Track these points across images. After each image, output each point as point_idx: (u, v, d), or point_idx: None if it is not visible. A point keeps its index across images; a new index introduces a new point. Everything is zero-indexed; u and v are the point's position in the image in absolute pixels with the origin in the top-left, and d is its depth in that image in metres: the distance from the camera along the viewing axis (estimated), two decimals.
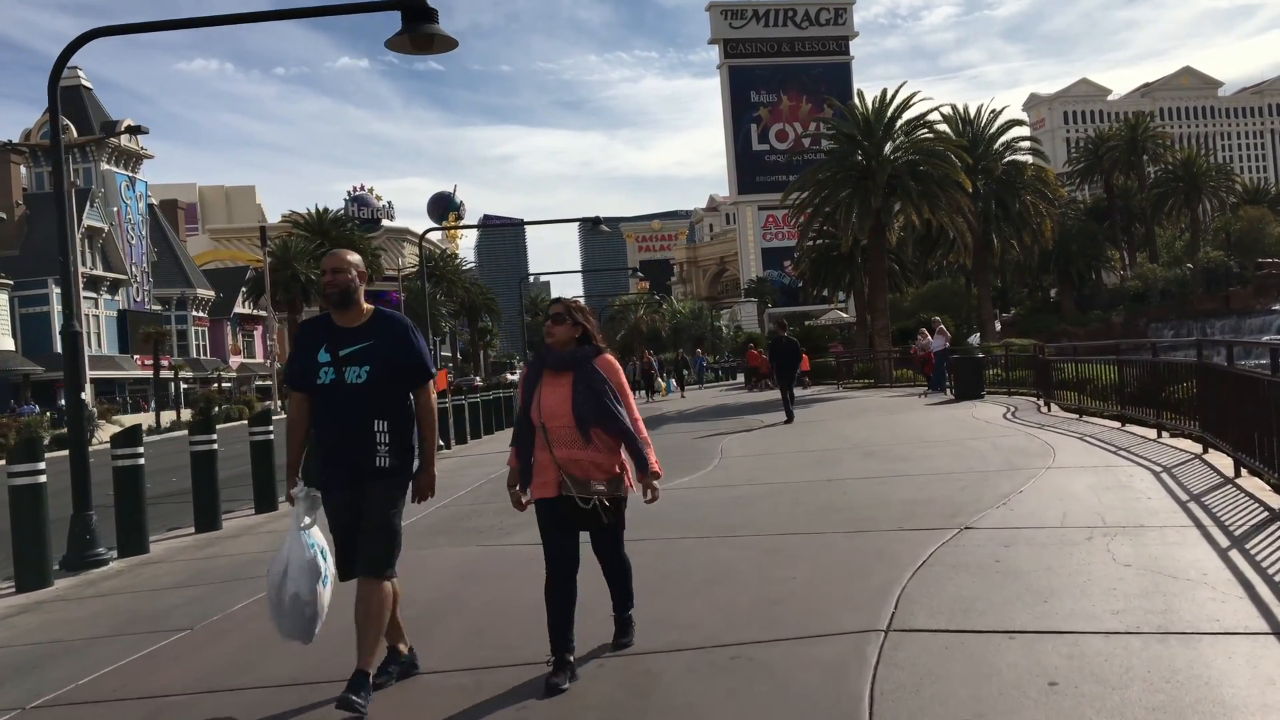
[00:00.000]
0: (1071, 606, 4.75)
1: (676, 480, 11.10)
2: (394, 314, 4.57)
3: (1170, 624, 4.40)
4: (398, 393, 4.42)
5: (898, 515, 7.62)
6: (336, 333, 4.41)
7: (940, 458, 11.12)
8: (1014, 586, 5.18)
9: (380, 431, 4.33)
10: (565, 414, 4.35)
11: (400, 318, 4.55)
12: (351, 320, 4.45)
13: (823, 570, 6.04)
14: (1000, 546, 6.15)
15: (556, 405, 4.37)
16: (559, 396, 4.38)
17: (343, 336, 4.40)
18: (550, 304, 4.62)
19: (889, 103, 33.81)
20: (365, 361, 4.36)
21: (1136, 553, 5.74)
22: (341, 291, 4.42)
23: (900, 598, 5.11)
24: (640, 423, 4.52)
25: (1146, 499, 7.47)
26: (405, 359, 4.41)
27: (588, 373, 4.40)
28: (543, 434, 4.39)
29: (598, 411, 4.33)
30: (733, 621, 5.05)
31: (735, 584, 5.87)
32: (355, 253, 4.63)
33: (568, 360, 4.41)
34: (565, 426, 4.35)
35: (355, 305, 4.45)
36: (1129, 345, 14.72)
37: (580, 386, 4.37)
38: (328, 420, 4.39)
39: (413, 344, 4.46)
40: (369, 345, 4.38)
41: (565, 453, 4.36)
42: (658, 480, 4.53)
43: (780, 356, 19.45)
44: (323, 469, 4.43)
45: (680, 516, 8.69)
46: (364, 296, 4.51)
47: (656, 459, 4.54)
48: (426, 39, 8.59)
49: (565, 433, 4.35)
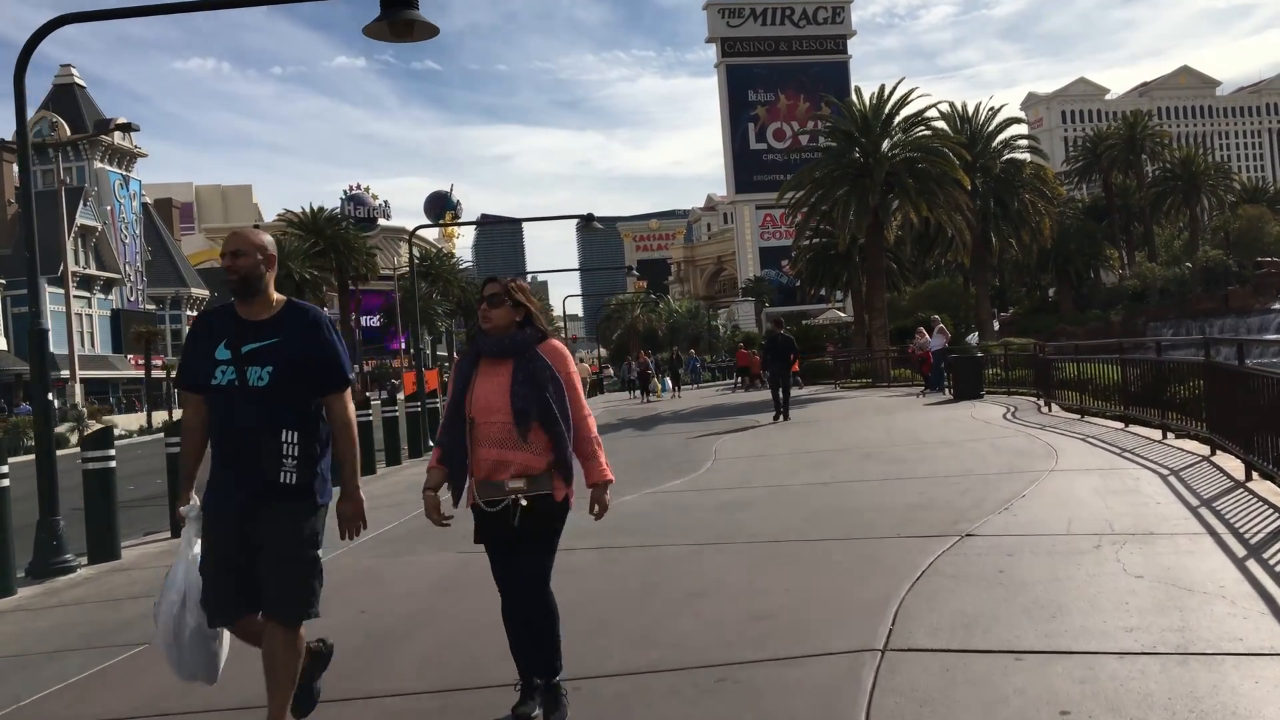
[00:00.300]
0: (1082, 623, 4.43)
1: (669, 483, 10.80)
2: (308, 306, 3.89)
3: (1190, 643, 4.07)
4: (310, 399, 3.73)
5: (896, 521, 7.30)
6: (240, 326, 3.73)
7: (939, 460, 10.81)
8: (1020, 600, 4.85)
9: (288, 444, 3.63)
10: (502, 408, 3.73)
11: (315, 311, 3.86)
12: (258, 312, 3.76)
13: (817, 581, 5.71)
14: (1004, 555, 5.83)
15: (492, 397, 3.76)
16: (495, 387, 3.77)
17: (247, 331, 3.72)
18: (485, 283, 3.96)
19: (887, 99, 33.48)
20: (270, 361, 3.66)
21: (1148, 562, 5.42)
22: (242, 278, 3.74)
23: (898, 613, 4.79)
24: (591, 420, 3.93)
25: (1155, 504, 7.15)
26: (316, 359, 3.71)
27: (530, 360, 3.80)
28: (470, 430, 3.77)
29: (541, 405, 3.73)
30: (721, 638, 4.73)
31: (724, 596, 5.54)
32: (265, 234, 3.95)
33: (507, 346, 3.82)
34: (501, 423, 3.74)
35: (261, 295, 3.77)
36: (1132, 344, 14.41)
37: (521, 376, 3.76)
38: (224, 428, 3.68)
39: (326, 341, 3.75)
40: (275, 342, 3.69)
41: (494, 453, 3.74)
42: (608, 491, 3.93)
43: (775, 355, 19.35)
44: (211, 486, 3.75)
45: (670, 522, 8.39)
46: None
47: (608, 463, 3.95)
48: (406, 25, 8.27)
49: (499, 430, 3.74)
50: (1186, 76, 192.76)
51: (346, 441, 3.77)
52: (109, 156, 69.32)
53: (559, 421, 3.74)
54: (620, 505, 9.64)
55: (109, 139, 67.02)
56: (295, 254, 64.01)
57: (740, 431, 16.96)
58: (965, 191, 33.05)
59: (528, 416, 3.72)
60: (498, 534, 3.79)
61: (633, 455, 14.56)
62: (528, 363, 3.79)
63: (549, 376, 3.78)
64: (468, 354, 3.98)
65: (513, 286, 3.91)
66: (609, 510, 3.99)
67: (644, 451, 15.02)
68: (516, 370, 3.78)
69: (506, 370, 3.79)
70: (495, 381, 3.79)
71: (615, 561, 6.81)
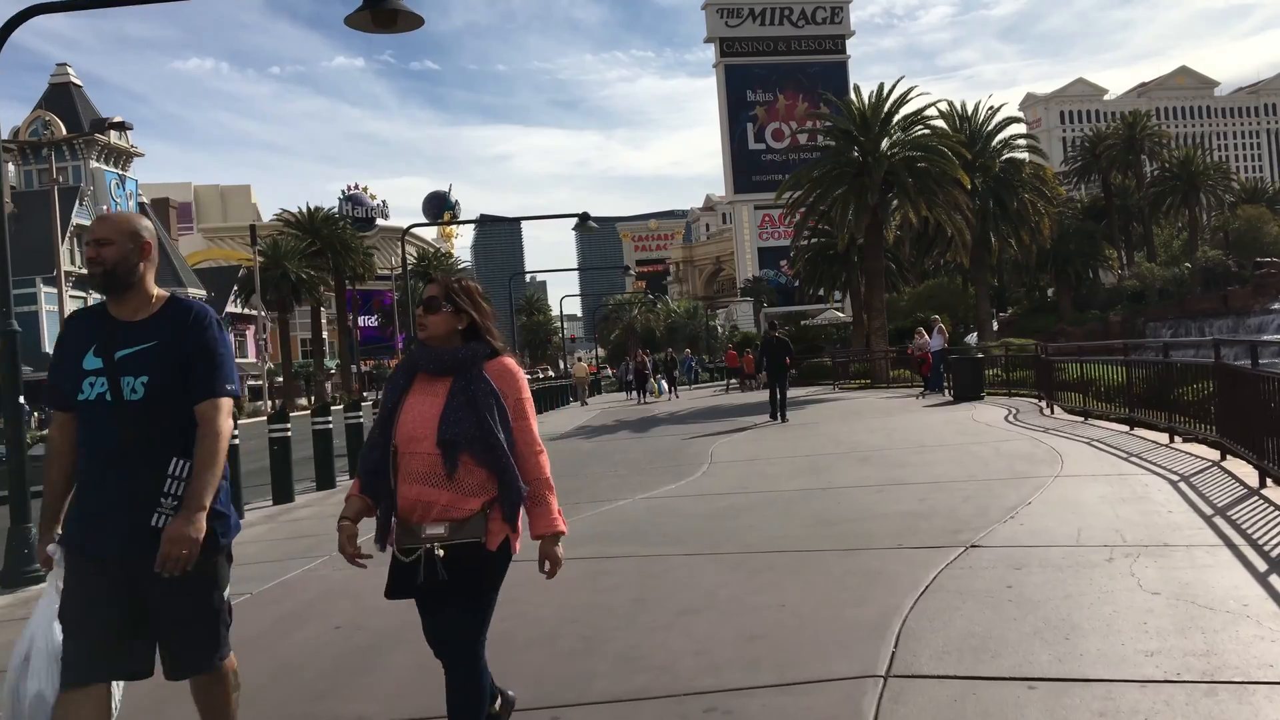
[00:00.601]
0: (1099, 646, 4.13)
1: (663, 487, 10.52)
2: (192, 303, 3.26)
3: (1217, 670, 3.78)
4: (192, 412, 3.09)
5: (896, 530, 7.01)
6: (112, 328, 3.13)
7: (940, 464, 10.52)
8: (1030, 620, 4.56)
9: (174, 477, 3.02)
10: (429, 436, 3.07)
11: (200, 308, 3.23)
12: (133, 311, 3.15)
13: (814, 596, 5.42)
14: (1011, 569, 5.54)
15: (420, 422, 3.09)
16: (426, 410, 3.11)
17: (119, 333, 3.11)
18: (425, 285, 3.34)
19: (886, 97, 33.18)
20: (146, 369, 3.04)
21: (1164, 577, 5.13)
22: (108, 271, 3.12)
23: (901, 633, 4.49)
24: (543, 458, 3.25)
25: (1167, 512, 6.87)
26: (195, 362, 3.09)
27: (472, 380, 3.13)
28: (392, 461, 3.13)
29: (474, 435, 3.05)
30: (711, 661, 4.43)
31: (716, 613, 5.24)
32: (142, 218, 3.32)
33: (445, 361, 3.17)
34: (425, 454, 3.07)
35: (135, 290, 3.16)
36: (1138, 345, 14.12)
37: (457, 398, 3.09)
38: (94, 450, 3.03)
39: (209, 341, 3.13)
40: (153, 346, 3.07)
41: (415, 491, 3.07)
42: (560, 544, 3.23)
43: (772, 355, 19.23)
44: (79, 519, 3.05)
45: (663, 529, 8.10)
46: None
47: (560, 510, 3.26)
48: (389, 15, 7.99)
49: (423, 463, 3.07)
50: (1185, 77, 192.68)
51: (208, 453, 3.02)
52: (105, 156, 68.99)
53: (498, 454, 3.08)
54: (613, 511, 9.38)
55: (105, 138, 66.70)
56: (291, 254, 63.62)
57: (737, 433, 16.67)
58: (965, 191, 32.76)
59: (456, 448, 3.05)
60: (413, 588, 3.09)
61: (627, 457, 14.27)
62: (468, 383, 3.13)
63: (492, 401, 3.12)
64: (403, 365, 3.31)
65: (456, 288, 3.26)
66: (603, 515, 3.64)
67: (639, 454, 14.72)
68: (454, 391, 3.13)
69: (443, 390, 3.15)
70: (427, 402, 3.13)
71: (605, 573, 6.52)
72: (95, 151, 67.77)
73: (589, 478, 12.25)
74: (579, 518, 8.89)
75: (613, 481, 11.60)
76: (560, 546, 3.24)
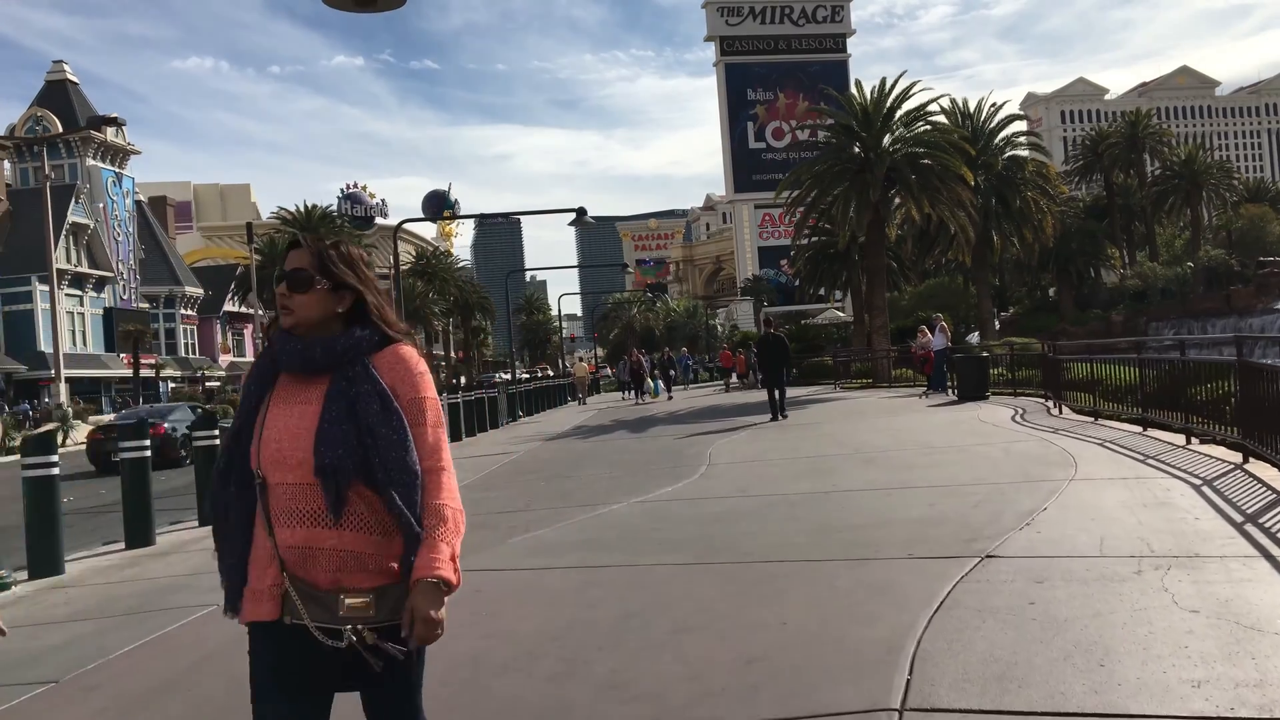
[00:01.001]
0: (1137, 674, 3.70)
1: (659, 490, 10.11)
2: None
3: (1275, 704, 3.35)
4: None
5: (905, 538, 6.58)
6: None
7: (949, 466, 10.09)
8: (1058, 642, 4.13)
9: None
10: (301, 458, 2.25)
11: None
12: None
13: (818, 613, 4.99)
14: (1032, 583, 5.11)
15: (288, 440, 2.27)
16: (294, 424, 2.29)
17: None
18: (286, 247, 2.45)
19: (889, 92, 32.71)
20: None
21: (1200, 593, 4.70)
22: None
23: (916, 656, 4.06)
24: (447, 477, 2.34)
25: (1194, 519, 6.44)
26: None
27: (356, 380, 2.30)
28: (260, 497, 2.30)
29: (368, 454, 2.23)
30: (706, 687, 4.00)
31: (712, 631, 4.81)
32: None
33: (316, 355, 2.32)
34: (299, 484, 2.25)
35: None
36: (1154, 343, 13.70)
37: (336, 406, 2.27)
38: None
39: None
40: None
41: (295, 535, 2.25)
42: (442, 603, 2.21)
43: (769, 354, 18.83)
44: None
45: (658, 535, 7.67)
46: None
47: (457, 555, 2.27)
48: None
49: (297, 495, 2.25)
50: (1185, 77, 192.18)
51: None
52: (101, 154, 68.52)
53: (401, 477, 2.25)
54: (606, 515, 8.95)
55: (102, 135, 66.21)
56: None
57: (736, 433, 16.25)
58: (969, 188, 32.30)
59: (339, 473, 2.22)
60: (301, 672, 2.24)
61: (624, 458, 13.85)
62: (351, 383, 2.29)
63: (377, 404, 2.27)
64: (260, 364, 2.43)
65: (332, 254, 2.39)
66: (595, 520, 3.12)
67: (635, 454, 14.30)
68: (332, 395, 2.29)
69: (317, 394, 2.30)
70: (296, 412, 2.30)
71: (593, 584, 6.10)
72: (91, 149, 67.31)
73: (582, 480, 11.83)
74: (568, 523, 8.48)
75: (606, 484, 11.18)
76: (443, 607, 2.20)
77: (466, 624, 5.37)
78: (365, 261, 2.47)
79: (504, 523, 8.86)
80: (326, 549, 2.24)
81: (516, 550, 7.52)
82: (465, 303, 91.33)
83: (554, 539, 7.84)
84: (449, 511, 2.30)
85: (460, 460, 16.43)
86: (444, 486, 2.32)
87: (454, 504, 2.32)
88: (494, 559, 7.25)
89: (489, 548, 7.69)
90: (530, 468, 13.88)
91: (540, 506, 9.78)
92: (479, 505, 10.23)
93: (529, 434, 21.47)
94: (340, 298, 2.39)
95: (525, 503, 10.18)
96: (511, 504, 10.15)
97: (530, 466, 14.06)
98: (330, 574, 2.23)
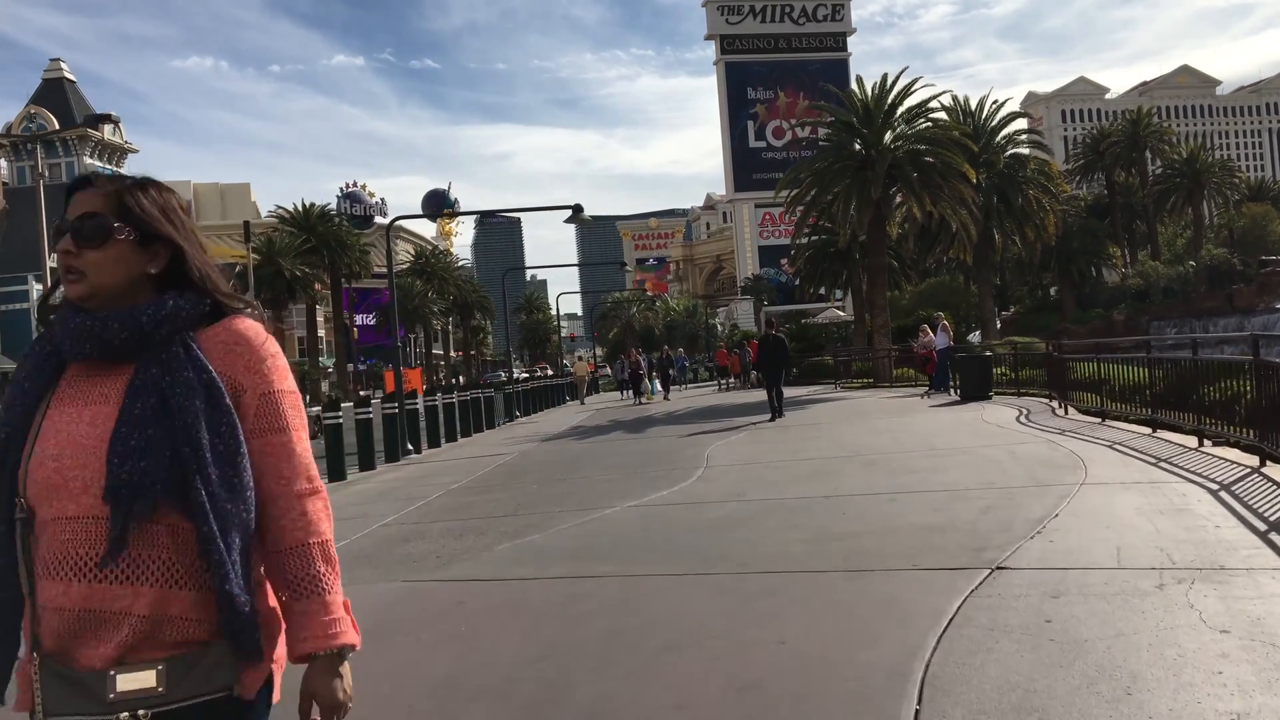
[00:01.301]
0: (1169, 705, 3.37)
1: (654, 494, 9.78)
2: None
3: None
4: None
5: (910, 547, 6.25)
6: None
7: (953, 469, 9.76)
8: (1080, 666, 3.80)
9: None
10: (88, 480, 1.59)
11: None
12: None
13: (819, 630, 4.66)
14: (1047, 597, 4.78)
15: (70, 454, 1.61)
16: (81, 431, 1.62)
17: None
18: (70, 188, 1.73)
19: (890, 89, 32.37)
20: None
21: (1229, 610, 4.37)
22: None
23: (925, 683, 3.73)
24: (317, 501, 1.76)
25: (1214, 528, 6.11)
26: None
27: (174, 365, 1.65)
28: (20, 537, 1.60)
29: (185, 471, 1.59)
30: (695, 717, 3.67)
31: (704, 651, 4.48)
32: None
33: (111, 335, 1.66)
34: (83, 518, 1.58)
35: None
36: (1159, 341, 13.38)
37: (143, 402, 1.62)
38: None
39: None
40: None
41: (71, 592, 1.58)
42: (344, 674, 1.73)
43: (768, 354, 18.67)
44: None
45: (651, 543, 7.35)
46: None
47: (348, 605, 1.78)
48: None
49: (80, 535, 1.58)
50: (1186, 76, 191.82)
51: None
52: (98, 152, 68.32)
53: (227, 506, 1.62)
54: (598, 520, 8.62)
55: (99, 133, 66.00)
56: (286, 251, 62.84)
57: (735, 434, 15.91)
58: (971, 185, 31.94)
59: (143, 499, 1.56)
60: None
61: (619, 460, 13.52)
62: (165, 370, 1.64)
63: (209, 400, 1.63)
64: (34, 353, 1.73)
65: (134, 193, 1.73)
66: (587, 526, 2.88)
67: (631, 456, 13.96)
68: (136, 388, 1.63)
69: (115, 389, 1.65)
70: (86, 416, 1.64)
71: (580, 597, 5.77)
72: (89, 148, 67.11)
73: (576, 482, 11.50)
74: (559, 529, 8.15)
75: (602, 487, 10.84)
76: (345, 676, 1.71)
77: (444, 642, 5.06)
78: (174, 205, 1.78)
79: (493, 528, 8.53)
80: (115, 613, 1.56)
81: (503, 558, 7.19)
82: (465, 302, 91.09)
83: (544, 546, 7.51)
84: (330, 550, 1.74)
85: (452, 462, 16.11)
86: (315, 517, 1.73)
87: (328, 540, 1.76)
88: (479, 568, 6.93)
89: (475, 555, 7.37)
90: (523, 470, 13.55)
91: (531, 511, 9.45)
92: (468, 510, 9.92)
93: (525, 435, 21.15)
94: (152, 254, 1.72)
95: (515, 507, 9.84)
96: (501, 508, 9.81)
97: (523, 469, 13.72)
98: (115, 648, 1.57)
